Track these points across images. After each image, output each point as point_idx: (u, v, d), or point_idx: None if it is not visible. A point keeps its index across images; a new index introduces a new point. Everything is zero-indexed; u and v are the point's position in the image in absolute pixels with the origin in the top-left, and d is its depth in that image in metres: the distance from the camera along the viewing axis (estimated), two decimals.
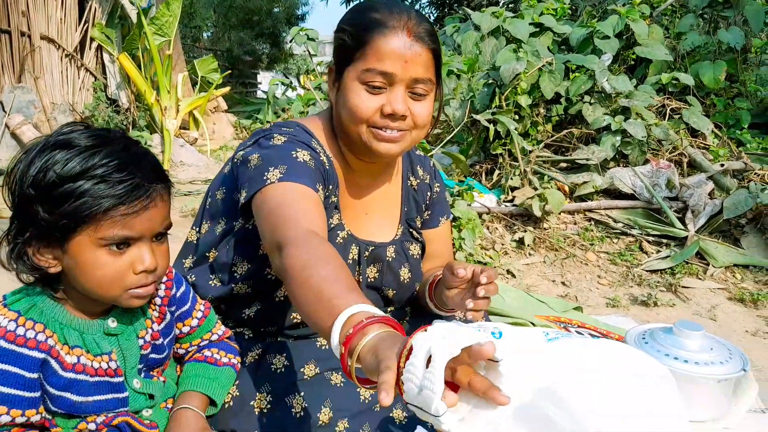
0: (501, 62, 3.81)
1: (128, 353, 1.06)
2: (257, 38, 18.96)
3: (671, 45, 4.92)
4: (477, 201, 3.36)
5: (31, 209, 0.90)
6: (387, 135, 1.24)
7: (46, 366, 0.95)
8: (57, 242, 0.92)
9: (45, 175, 0.90)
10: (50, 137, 0.95)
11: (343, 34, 1.26)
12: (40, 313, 0.97)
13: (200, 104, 6.77)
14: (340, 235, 1.33)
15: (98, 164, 0.91)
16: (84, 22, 6.11)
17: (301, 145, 1.24)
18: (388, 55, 1.19)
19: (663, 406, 1.32)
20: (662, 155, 3.84)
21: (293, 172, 1.16)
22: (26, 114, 5.74)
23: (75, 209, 0.89)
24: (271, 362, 1.26)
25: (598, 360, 1.42)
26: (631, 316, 2.50)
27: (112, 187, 0.91)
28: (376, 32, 1.20)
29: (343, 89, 1.25)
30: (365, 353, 0.80)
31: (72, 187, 0.89)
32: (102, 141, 0.94)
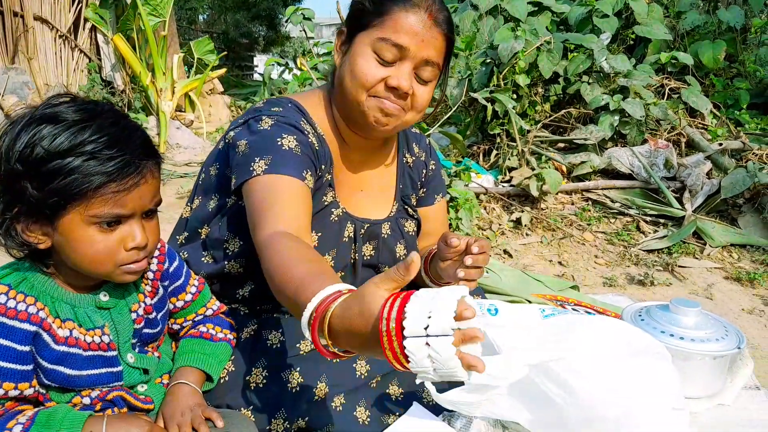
0: (499, 41, 3.78)
1: (121, 327, 1.05)
2: (253, 20, 18.78)
3: (671, 24, 4.88)
4: (474, 181, 3.35)
5: (19, 185, 0.88)
6: (386, 105, 1.23)
7: (38, 339, 0.94)
8: (46, 219, 0.91)
9: (32, 150, 0.87)
10: (36, 110, 0.92)
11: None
12: (30, 286, 0.96)
13: (196, 86, 6.72)
14: (335, 212, 1.33)
15: (88, 140, 0.89)
16: (77, 2, 6.04)
17: (289, 129, 1.23)
18: (406, 29, 1.19)
19: (659, 382, 1.32)
20: (660, 135, 3.83)
21: (278, 162, 1.17)
22: (20, 95, 5.69)
23: (65, 186, 0.88)
24: (266, 338, 1.27)
25: (594, 336, 1.42)
26: (628, 295, 2.50)
27: (103, 164, 0.89)
28: (399, 4, 1.20)
29: (352, 53, 1.24)
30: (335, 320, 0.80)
31: (61, 164, 0.87)
32: (90, 115, 0.92)
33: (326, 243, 1.31)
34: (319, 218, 1.30)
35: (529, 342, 1.32)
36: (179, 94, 6.46)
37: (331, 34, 24.59)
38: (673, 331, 1.62)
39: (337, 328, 0.80)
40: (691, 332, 1.61)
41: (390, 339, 0.72)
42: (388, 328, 0.72)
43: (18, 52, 5.77)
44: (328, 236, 1.31)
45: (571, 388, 1.23)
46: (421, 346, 0.70)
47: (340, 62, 1.29)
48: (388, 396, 1.26)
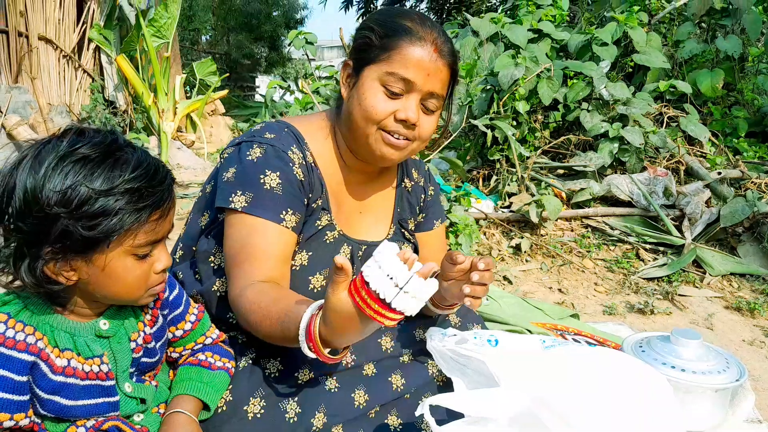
0: (499, 68, 3.82)
1: (120, 356, 1.04)
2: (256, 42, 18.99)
3: (669, 53, 4.94)
4: (474, 207, 3.36)
5: (56, 227, 0.88)
6: (393, 140, 1.27)
7: (36, 369, 0.94)
8: (80, 255, 0.92)
9: (75, 192, 0.88)
10: (44, 150, 0.91)
11: (370, 32, 1.28)
12: (30, 315, 0.96)
13: (198, 107, 6.76)
14: (330, 235, 1.34)
15: (128, 178, 0.91)
16: (82, 23, 6.10)
17: (274, 164, 1.26)
18: (413, 63, 1.23)
19: (660, 415, 1.31)
20: (659, 163, 3.85)
21: (257, 203, 1.22)
22: (22, 114, 5.72)
23: (113, 225, 0.90)
24: (264, 366, 1.26)
25: (594, 368, 1.41)
26: (628, 324, 2.49)
27: (147, 197, 0.93)
28: (406, 39, 1.23)
29: (361, 87, 1.27)
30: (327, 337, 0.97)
31: (109, 202, 0.89)
32: (111, 148, 0.93)
33: (317, 263, 1.32)
34: (313, 241, 1.31)
35: (530, 374, 1.32)
36: (181, 115, 6.50)
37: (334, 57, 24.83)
38: (674, 363, 1.61)
39: (330, 338, 0.97)
40: (692, 364, 1.60)
41: (381, 314, 0.89)
42: (375, 310, 0.89)
43: (21, 71, 5.82)
44: (319, 257, 1.32)
45: (572, 421, 1.22)
46: (403, 297, 0.87)
47: (348, 95, 1.31)
48: (387, 427, 1.25)
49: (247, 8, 18.53)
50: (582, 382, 1.33)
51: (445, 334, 1.34)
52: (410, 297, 0.88)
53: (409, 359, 1.40)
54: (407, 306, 0.88)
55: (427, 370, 1.38)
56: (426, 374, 1.37)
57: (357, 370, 1.30)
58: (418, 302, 0.89)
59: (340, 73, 1.38)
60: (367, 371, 1.31)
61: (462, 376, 1.34)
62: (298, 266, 1.29)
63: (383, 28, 1.26)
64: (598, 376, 1.36)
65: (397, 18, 1.27)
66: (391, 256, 0.88)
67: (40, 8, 5.81)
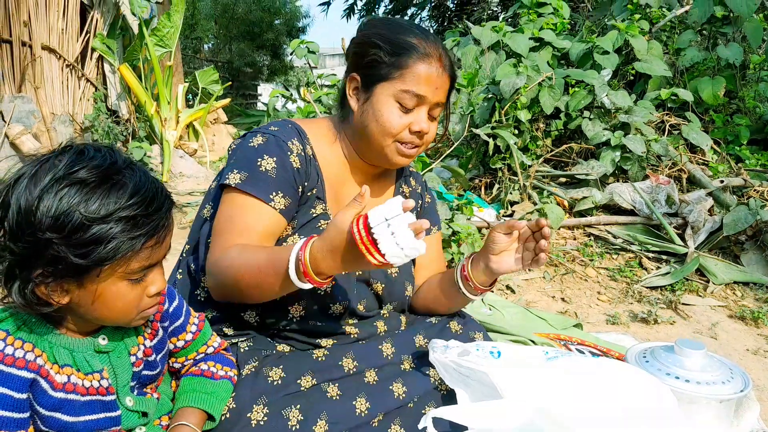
0: (501, 77, 3.82)
1: (120, 370, 1.04)
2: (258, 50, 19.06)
3: (670, 61, 4.94)
4: (476, 215, 3.36)
5: (48, 251, 0.86)
6: (407, 151, 1.41)
7: (36, 386, 0.93)
8: (71, 279, 0.90)
9: (68, 217, 0.86)
10: (42, 168, 0.89)
11: (378, 50, 1.37)
12: (29, 332, 0.95)
13: (200, 116, 6.79)
14: (323, 223, 1.42)
15: (124, 205, 0.89)
16: (85, 32, 6.13)
17: (272, 151, 1.36)
18: (423, 80, 1.35)
19: (664, 426, 1.30)
20: (662, 171, 3.85)
21: (251, 181, 1.32)
22: (26, 124, 5.74)
23: (108, 252, 0.88)
24: (267, 374, 1.27)
25: (598, 379, 1.41)
26: (631, 333, 2.48)
27: (142, 226, 0.91)
28: (416, 58, 1.35)
29: (375, 103, 1.38)
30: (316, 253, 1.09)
31: (103, 230, 0.87)
32: (110, 171, 0.91)
33: None
34: (308, 228, 1.39)
35: (534, 385, 1.31)
36: (183, 124, 6.52)
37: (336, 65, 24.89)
38: (678, 373, 1.61)
39: (319, 254, 1.08)
40: (696, 375, 1.59)
41: (370, 252, 1.01)
42: (366, 246, 1.01)
43: (25, 80, 5.84)
44: None
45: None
46: (384, 228, 0.99)
47: (360, 109, 1.41)
48: None
49: (249, 17, 18.61)
50: (586, 394, 1.32)
51: (447, 347, 1.34)
52: (399, 249, 1.00)
53: (411, 366, 1.40)
54: (383, 236, 0.99)
55: (430, 379, 1.38)
56: (428, 383, 1.37)
57: (359, 377, 1.31)
58: (405, 256, 1.01)
59: (344, 84, 1.46)
60: (368, 378, 1.32)
61: (465, 388, 1.33)
62: None
63: (391, 46, 1.36)
64: (602, 387, 1.36)
65: (403, 35, 1.37)
66: (398, 212, 1.00)
67: (44, 18, 5.84)
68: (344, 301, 1.44)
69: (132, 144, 5.86)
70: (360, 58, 1.41)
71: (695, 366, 1.61)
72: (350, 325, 1.46)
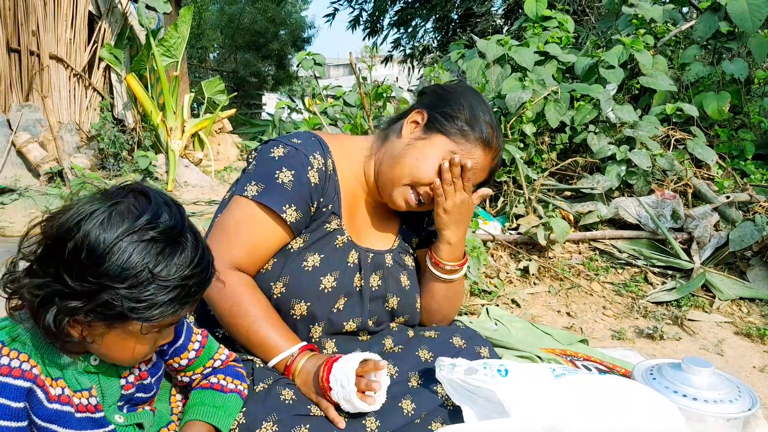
0: (507, 90, 3.83)
1: (108, 392, 1.04)
2: (263, 60, 19.18)
3: (675, 75, 4.95)
4: (482, 228, 3.36)
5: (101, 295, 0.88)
6: (412, 201, 1.47)
7: (32, 396, 0.94)
8: (107, 323, 0.92)
9: (135, 272, 0.88)
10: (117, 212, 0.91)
11: (461, 111, 1.46)
12: (23, 344, 0.96)
13: (206, 125, 6.81)
14: (339, 239, 1.46)
15: (185, 274, 0.92)
16: (93, 42, 6.18)
17: (291, 164, 1.39)
18: (474, 161, 1.44)
19: None
20: (667, 186, 3.84)
21: (267, 192, 1.36)
22: (33, 132, 5.77)
23: (155, 312, 0.91)
24: (280, 393, 1.27)
25: (605, 397, 1.40)
26: (637, 349, 2.47)
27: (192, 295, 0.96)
28: (479, 141, 1.45)
29: (426, 146, 1.45)
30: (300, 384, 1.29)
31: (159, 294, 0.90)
32: (176, 233, 0.94)
33: (329, 264, 1.42)
34: (323, 243, 1.43)
35: (541, 403, 1.31)
36: (189, 133, 6.54)
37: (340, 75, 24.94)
38: (685, 391, 1.60)
39: (299, 379, 1.29)
40: (704, 393, 1.59)
41: (329, 398, 1.24)
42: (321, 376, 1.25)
43: (32, 89, 5.88)
44: (331, 259, 1.43)
45: None
46: (344, 403, 1.23)
47: (409, 140, 1.48)
48: None
49: (255, 27, 18.75)
50: (593, 411, 1.32)
51: (454, 365, 1.34)
52: (349, 405, 1.21)
53: (418, 383, 1.40)
54: (344, 406, 1.22)
55: (437, 395, 1.38)
56: (436, 399, 1.38)
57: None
58: (355, 408, 1.22)
59: (407, 112, 1.52)
60: None
61: (472, 405, 1.33)
62: (310, 267, 1.39)
63: (471, 117, 1.45)
64: (609, 404, 1.35)
65: (485, 118, 1.47)
66: (349, 378, 1.21)
67: (52, 27, 5.89)
68: (357, 318, 1.46)
69: (137, 153, 5.88)
70: (441, 104, 1.48)
71: (703, 384, 1.61)
72: (361, 343, 1.47)
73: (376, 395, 1.24)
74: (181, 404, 1.26)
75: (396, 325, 1.58)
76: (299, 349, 1.32)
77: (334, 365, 1.23)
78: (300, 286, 1.39)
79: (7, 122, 5.74)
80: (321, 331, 1.43)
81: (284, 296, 1.39)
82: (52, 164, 5.51)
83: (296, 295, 1.39)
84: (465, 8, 11.56)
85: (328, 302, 1.42)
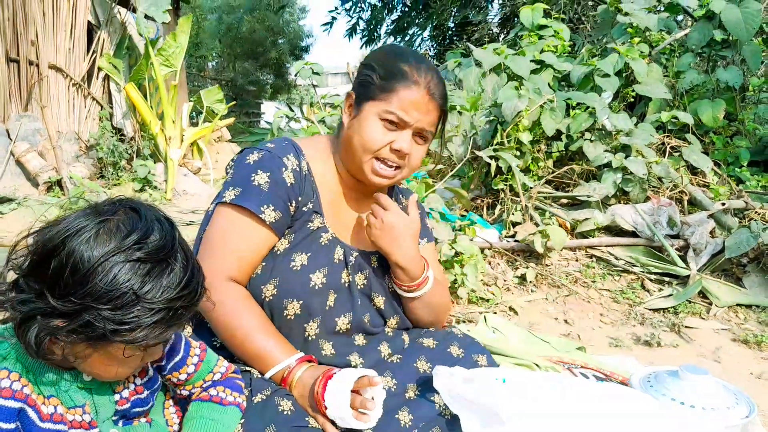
0: (503, 99, 3.86)
1: (101, 408, 1.04)
2: (261, 68, 19.25)
3: (670, 83, 4.99)
4: (479, 236, 3.37)
5: (84, 315, 0.86)
6: (383, 171, 1.46)
7: (24, 416, 0.92)
8: (89, 342, 0.90)
9: (119, 294, 0.86)
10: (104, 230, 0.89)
11: (372, 72, 1.46)
12: (14, 362, 0.94)
13: (204, 134, 6.83)
14: (324, 236, 1.48)
15: (172, 296, 0.90)
16: (92, 51, 6.20)
17: (265, 166, 1.42)
18: (407, 106, 1.42)
19: None
20: (663, 193, 3.87)
21: (244, 195, 1.39)
22: (32, 142, 5.78)
23: (139, 335, 0.88)
24: (278, 404, 1.26)
25: (604, 405, 1.41)
26: (634, 356, 2.48)
27: (178, 318, 0.94)
28: (403, 83, 1.42)
29: (361, 119, 1.45)
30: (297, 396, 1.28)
31: (144, 316, 0.88)
32: (165, 253, 0.92)
33: (316, 262, 1.44)
34: (309, 242, 1.45)
35: (539, 412, 1.32)
36: (188, 142, 6.56)
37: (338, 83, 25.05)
38: (683, 399, 1.61)
39: (296, 390, 1.29)
40: (701, 400, 1.60)
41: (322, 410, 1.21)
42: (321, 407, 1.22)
43: (31, 99, 5.89)
44: (318, 256, 1.45)
45: None
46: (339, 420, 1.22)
47: (349, 123, 1.49)
48: None
49: (253, 36, 18.82)
50: (591, 420, 1.33)
51: (451, 374, 1.35)
52: (344, 422, 1.21)
53: (415, 394, 1.41)
54: (340, 423, 1.22)
55: (434, 405, 1.38)
56: (433, 409, 1.38)
57: None
58: (350, 426, 1.22)
59: (344, 101, 1.54)
60: None
61: (470, 414, 1.34)
62: (299, 266, 1.41)
63: (384, 70, 1.44)
64: (607, 413, 1.36)
65: (397, 61, 1.44)
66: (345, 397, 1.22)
67: (51, 37, 5.91)
68: (348, 314, 1.47)
69: (136, 162, 5.89)
70: (358, 77, 1.51)
71: (700, 392, 1.62)
72: (357, 347, 1.48)
73: (372, 413, 1.23)
74: (175, 416, 1.25)
75: (391, 330, 1.59)
76: (296, 361, 1.32)
77: (329, 383, 1.22)
78: (290, 285, 1.40)
79: (6, 132, 5.76)
80: (316, 328, 1.43)
81: (276, 298, 1.40)
82: (51, 174, 5.52)
83: (288, 294, 1.40)
84: (462, 17, 11.63)
85: (320, 298, 1.43)
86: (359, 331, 1.50)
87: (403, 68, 1.42)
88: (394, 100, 1.41)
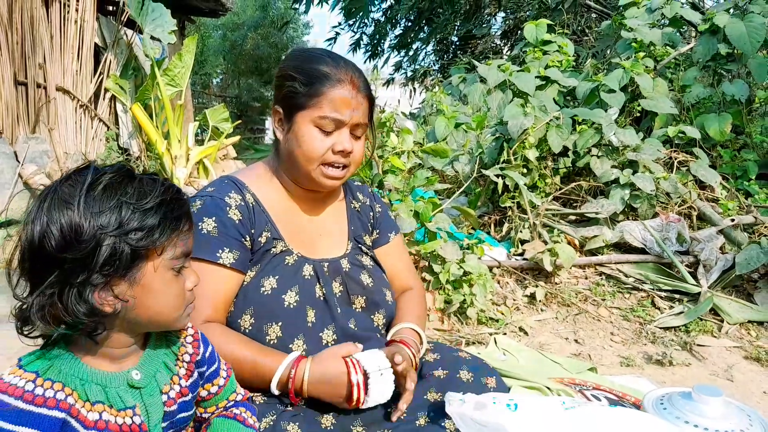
0: (509, 117, 3.87)
1: (152, 409, 1.04)
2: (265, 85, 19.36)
3: (676, 97, 4.99)
4: (487, 254, 3.36)
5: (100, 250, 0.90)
6: (333, 173, 1.48)
7: (67, 427, 0.92)
8: (123, 277, 0.94)
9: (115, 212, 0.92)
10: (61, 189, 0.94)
11: (292, 81, 1.45)
12: (58, 372, 0.94)
13: (210, 153, 6.86)
14: (289, 259, 1.49)
15: (159, 193, 0.97)
16: (99, 73, 6.25)
17: (211, 211, 1.43)
18: (339, 105, 1.43)
19: None
20: (671, 209, 3.85)
21: (197, 246, 1.35)
22: (39, 164, 5.82)
23: (158, 236, 0.95)
24: (285, 429, 1.27)
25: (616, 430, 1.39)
26: (646, 376, 2.45)
27: (179, 209, 1.00)
28: (328, 85, 1.43)
29: (297, 131, 1.46)
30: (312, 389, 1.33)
31: (149, 217, 0.94)
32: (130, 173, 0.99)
33: (286, 282, 1.45)
34: (274, 265, 1.46)
35: None
36: (194, 161, 6.59)
37: None
38: (697, 421, 1.59)
39: (311, 385, 1.33)
40: (715, 423, 1.58)
41: (358, 383, 1.32)
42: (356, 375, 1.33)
43: (39, 121, 5.94)
44: (286, 277, 1.45)
45: None
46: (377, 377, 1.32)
47: (285, 138, 1.50)
48: None
49: (257, 53, 18.97)
50: None
51: (463, 400, 1.34)
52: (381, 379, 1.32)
53: (426, 422, 1.40)
54: (373, 401, 1.33)
55: (446, 430, 1.38)
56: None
57: None
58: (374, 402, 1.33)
59: (272, 119, 1.55)
60: None
61: None
62: (269, 290, 1.42)
63: (304, 76, 1.44)
64: None
65: (314, 64, 1.45)
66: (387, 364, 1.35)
67: (59, 60, 5.96)
68: (330, 326, 1.48)
69: None
70: (279, 90, 1.50)
71: (714, 413, 1.60)
72: None
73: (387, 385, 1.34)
74: None
75: (382, 326, 1.59)
76: (294, 361, 1.34)
77: (361, 359, 1.34)
78: (266, 309, 1.41)
79: (14, 154, 5.79)
80: (303, 345, 1.42)
81: (255, 326, 1.40)
82: None
83: (266, 319, 1.40)
84: (465, 30, 11.69)
85: (299, 316, 1.43)
86: (347, 339, 1.50)
87: (323, 70, 1.44)
88: (324, 103, 1.42)
